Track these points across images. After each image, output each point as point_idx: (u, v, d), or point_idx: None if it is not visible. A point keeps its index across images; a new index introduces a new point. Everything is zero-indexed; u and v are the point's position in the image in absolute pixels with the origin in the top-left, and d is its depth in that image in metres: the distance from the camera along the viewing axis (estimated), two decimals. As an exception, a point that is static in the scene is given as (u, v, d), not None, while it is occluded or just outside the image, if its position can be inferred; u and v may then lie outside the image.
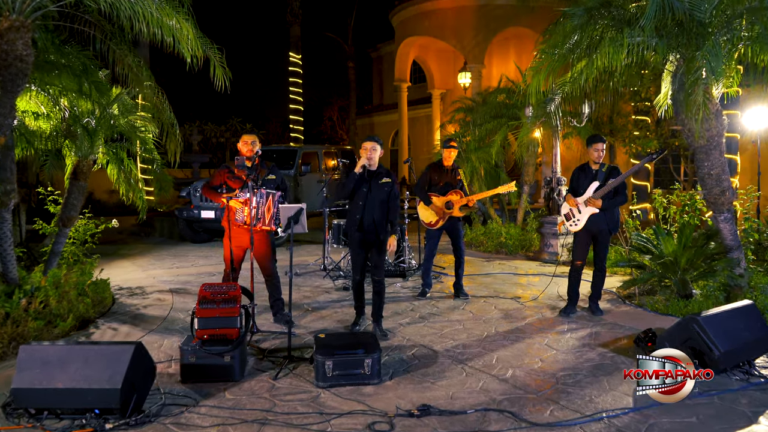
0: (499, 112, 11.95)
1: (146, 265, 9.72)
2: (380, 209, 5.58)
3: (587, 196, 6.12)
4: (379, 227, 5.56)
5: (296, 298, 7.25)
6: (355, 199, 5.56)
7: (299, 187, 12.60)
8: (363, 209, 5.53)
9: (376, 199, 5.54)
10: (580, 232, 6.23)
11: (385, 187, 5.51)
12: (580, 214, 6.17)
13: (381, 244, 5.62)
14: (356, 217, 5.56)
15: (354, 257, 5.74)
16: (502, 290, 7.64)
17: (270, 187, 5.80)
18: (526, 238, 10.85)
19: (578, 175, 6.33)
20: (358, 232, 5.58)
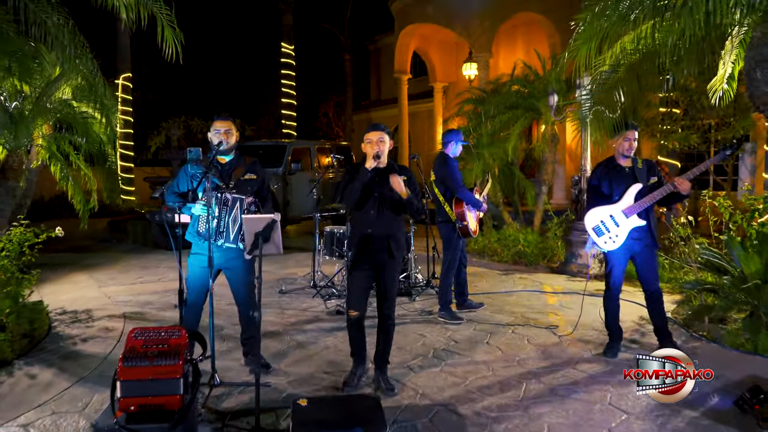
0: (515, 102, 10.53)
1: (105, 279, 8.28)
2: (395, 219, 4.23)
3: (627, 202, 4.70)
4: (394, 242, 4.19)
5: (278, 325, 5.83)
6: (364, 207, 4.18)
7: (288, 187, 11.18)
8: (375, 221, 4.15)
9: (390, 206, 4.18)
10: (615, 251, 4.82)
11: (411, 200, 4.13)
12: (617, 228, 4.73)
13: (395, 264, 4.24)
14: (366, 231, 4.17)
15: (355, 283, 4.24)
16: (531, 316, 6.23)
17: (245, 190, 4.38)
18: (548, 246, 9.44)
19: (605, 175, 4.87)
20: (364, 251, 4.18)
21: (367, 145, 4.16)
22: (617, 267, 4.87)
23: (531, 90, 10.38)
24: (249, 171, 4.48)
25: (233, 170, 4.42)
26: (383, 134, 4.15)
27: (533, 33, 17.29)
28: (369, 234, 4.15)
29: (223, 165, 4.43)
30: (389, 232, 4.15)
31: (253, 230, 3.35)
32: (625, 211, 4.71)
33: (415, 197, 4.12)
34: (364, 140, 4.19)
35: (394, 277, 4.25)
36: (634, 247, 4.77)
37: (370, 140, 4.14)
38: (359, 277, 4.20)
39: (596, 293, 7.13)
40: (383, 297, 4.23)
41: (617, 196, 4.78)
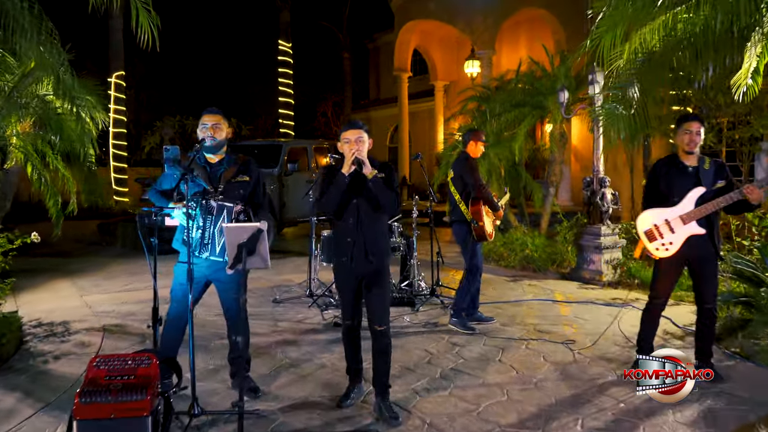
0: (521, 99, 10.06)
1: (89, 286, 7.80)
2: (379, 225, 3.81)
3: (687, 207, 4.19)
4: (379, 251, 3.77)
5: (270, 339, 5.36)
6: (343, 216, 3.76)
7: (285, 188, 10.70)
8: (356, 229, 3.73)
9: (371, 211, 3.74)
10: (669, 259, 4.31)
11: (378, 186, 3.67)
12: (672, 234, 4.20)
13: (382, 276, 3.81)
14: (347, 240, 3.75)
15: (342, 296, 3.94)
16: (545, 328, 5.75)
17: (236, 194, 3.89)
18: (557, 251, 8.96)
19: (666, 173, 4.33)
20: (347, 262, 3.77)
21: (344, 145, 3.69)
22: (667, 278, 4.36)
23: (539, 87, 9.90)
24: (241, 172, 3.99)
25: (223, 171, 3.94)
26: (362, 132, 3.69)
27: (536, 30, 16.83)
28: (348, 243, 3.74)
29: (211, 165, 3.95)
30: (369, 239, 3.74)
31: (235, 241, 2.88)
32: (683, 217, 4.20)
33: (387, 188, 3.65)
34: (340, 140, 3.72)
35: (381, 288, 3.80)
36: (690, 257, 4.27)
37: (347, 140, 3.67)
38: (345, 291, 3.89)
39: (612, 302, 6.69)
40: (372, 312, 3.81)
41: (677, 199, 4.25)
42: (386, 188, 3.64)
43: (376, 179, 3.61)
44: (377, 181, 3.61)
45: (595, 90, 7.70)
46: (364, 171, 3.58)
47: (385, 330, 3.80)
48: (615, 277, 7.80)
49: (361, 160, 3.58)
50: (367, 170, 3.59)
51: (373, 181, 3.59)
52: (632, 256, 7.83)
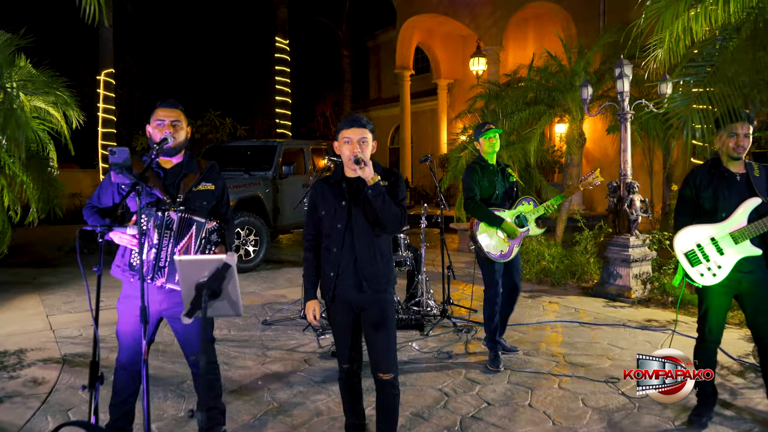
0: (535, 97, 9.27)
1: (59, 304, 6.99)
2: (378, 244, 3.03)
3: (738, 222, 3.43)
4: (376, 279, 3.00)
5: (256, 372, 4.54)
6: (332, 234, 3.02)
7: (279, 193, 9.89)
8: (342, 250, 3.00)
9: (368, 227, 2.99)
10: (715, 286, 3.53)
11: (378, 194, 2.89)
12: (721, 257, 3.46)
13: (384, 310, 3.03)
14: (334, 264, 3.02)
15: (336, 334, 3.20)
16: (577, 359, 4.94)
17: (198, 205, 3.13)
18: (576, 262, 8.16)
19: (707, 183, 3.57)
20: (338, 293, 3.03)
21: (343, 146, 2.96)
22: (716, 309, 3.58)
23: (555, 83, 9.10)
24: (204, 179, 3.22)
25: (182, 178, 3.15)
26: (366, 132, 2.96)
27: (545, 26, 16.03)
28: (337, 266, 3.01)
29: (167, 170, 3.16)
30: (365, 263, 2.99)
31: (192, 279, 2.07)
32: (734, 234, 3.44)
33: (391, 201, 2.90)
34: (338, 139, 2.99)
35: (385, 327, 3.03)
36: (742, 282, 3.49)
37: (348, 139, 2.94)
38: (338, 328, 3.15)
39: (648, 326, 5.89)
40: (375, 357, 3.04)
41: (724, 213, 3.50)
42: (389, 200, 2.88)
43: (378, 187, 2.85)
44: (379, 189, 2.85)
45: (624, 86, 6.90)
46: (363, 174, 2.84)
47: (392, 379, 3.03)
48: (645, 293, 7.00)
49: (363, 159, 2.84)
50: (368, 174, 2.84)
51: (373, 189, 2.85)
52: (665, 271, 7.03)
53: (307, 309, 3.15)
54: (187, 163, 3.21)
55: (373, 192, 2.85)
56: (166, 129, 3.09)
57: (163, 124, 3.09)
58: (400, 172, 3.22)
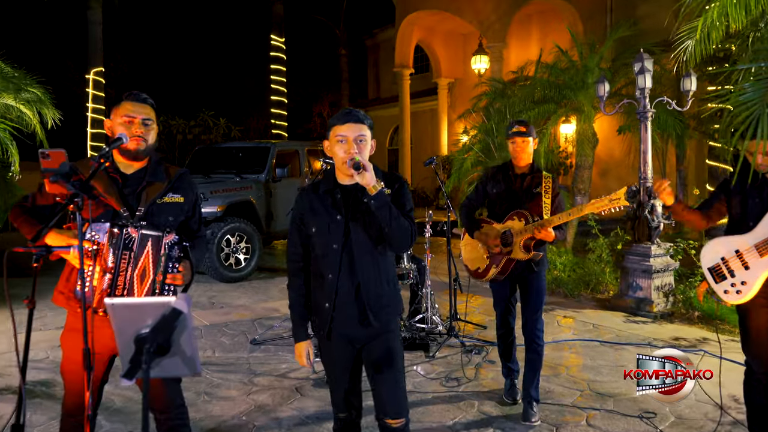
0: (544, 95, 8.72)
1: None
2: (382, 265, 2.48)
3: (764, 233, 2.94)
4: (380, 306, 2.45)
5: (241, 405, 3.97)
6: (326, 256, 2.45)
7: (272, 197, 9.33)
8: (339, 275, 2.42)
9: (370, 244, 2.43)
10: (752, 306, 3.03)
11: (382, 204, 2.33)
12: (746, 272, 2.97)
13: (390, 344, 2.49)
14: (329, 294, 2.44)
15: (330, 376, 2.63)
16: (603, 387, 4.38)
17: (164, 221, 2.57)
18: (589, 271, 7.61)
19: (739, 190, 3.11)
20: (335, 327, 2.46)
21: (335, 145, 2.40)
22: (757, 331, 3.06)
23: (566, 80, 8.55)
24: (172, 190, 2.65)
25: (145, 187, 2.59)
26: (363, 128, 2.41)
27: (549, 23, 15.51)
28: (333, 294, 2.43)
29: (127, 177, 2.60)
30: (368, 288, 2.43)
31: (129, 329, 1.50)
32: (758, 246, 2.93)
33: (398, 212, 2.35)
34: (330, 137, 2.43)
35: (392, 365, 2.48)
36: None
37: (342, 137, 2.38)
38: (335, 370, 2.57)
39: (676, 344, 5.34)
40: (382, 400, 2.49)
41: (752, 222, 3.01)
42: (396, 211, 2.34)
43: (383, 196, 2.31)
44: (383, 199, 2.31)
45: (646, 81, 6.35)
46: (363, 181, 2.29)
47: (404, 426, 2.48)
48: (668, 306, 6.45)
49: (361, 162, 2.28)
50: (370, 180, 2.28)
51: (376, 198, 2.30)
52: (691, 283, 6.48)
53: (297, 352, 2.58)
54: (152, 170, 2.64)
55: (377, 202, 2.30)
56: (137, 128, 2.53)
57: (133, 122, 2.53)
58: (404, 178, 2.66)
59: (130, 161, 2.58)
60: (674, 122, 7.97)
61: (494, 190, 3.92)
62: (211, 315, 6.59)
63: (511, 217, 3.77)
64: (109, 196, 2.50)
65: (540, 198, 3.70)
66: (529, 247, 3.68)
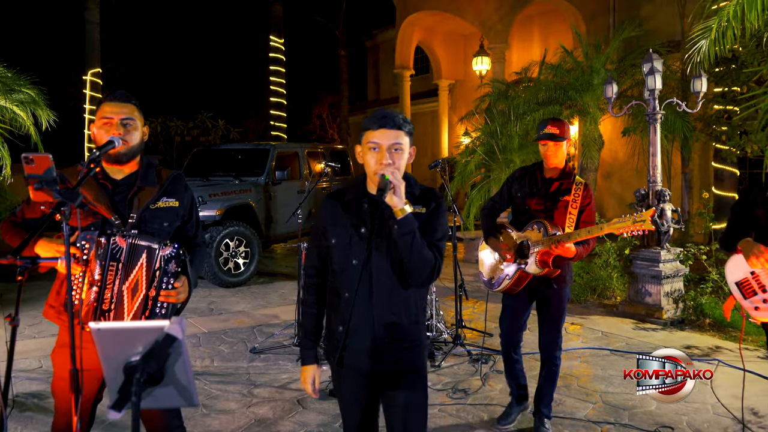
0: (548, 96, 8.57)
1: (23, 326, 6.24)
2: (406, 295, 2.15)
3: None
4: (395, 339, 2.15)
5: (239, 419, 3.80)
6: (344, 272, 2.16)
7: (272, 200, 9.16)
8: (356, 295, 2.12)
9: (390, 272, 2.12)
10: None
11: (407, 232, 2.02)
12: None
13: (413, 383, 2.22)
14: (344, 315, 2.15)
15: (345, 412, 2.30)
16: (616, 399, 4.23)
17: (158, 228, 2.43)
18: (596, 277, 7.45)
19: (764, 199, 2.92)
20: (346, 356, 2.18)
21: (368, 153, 2.10)
22: None
23: (571, 81, 8.40)
24: (166, 194, 2.49)
25: (137, 192, 2.43)
26: (401, 135, 2.08)
27: (551, 24, 15.37)
28: (352, 313, 2.14)
29: (117, 182, 2.44)
30: (384, 317, 2.13)
31: (118, 357, 1.34)
32: None
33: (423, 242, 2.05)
34: (362, 142, 2.13)
35: (414, 401, 2.22)
36: None
37: (375, 145, 2.08)
38: (347, 403, 2.28)
39: (690, 354, 5.17)
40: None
41: None
42: (421, 241, 2.04)
43: (409, 223, 2.01)
44: (409, 226, 2.01)
45: (656, 82, 6.19)
46: (391, 202, 2.00)
47: None
48: (677, 313, 6.30)
49: (391, 183, 1.99)
50: (396, 202, 2.00)
51: (401, 224, 2.01)
52: (702, 289, 6.32)
53: (303, 377, 2.29)
54: (143, 174, 2.49)
55: (400, 229, 2.01)
56: (117, 129, 2.38)
57: (111, 124, 2.37)
58: (442, 197, 2.26)
59: (114, 166, 2.43)
60: (682, 124, 7.82)
61: (519, 194, 3.62)
62: (209, 322, 6.43)
63: (531, 225, 3.50)
64: (99, 204, 2.35)
65: (566, 208, 3.42)
66: (546, 262, 3.39)
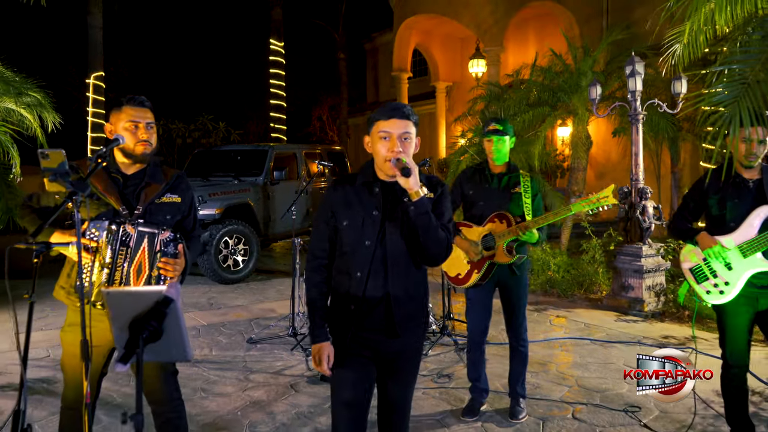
0: (538, 98, 8.83)
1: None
2: (416, 274, 2.35)
3: (747, 233, 3.07)
4: (409, 316, 2.31)
5: (236, 401, 4.07)
6: (356, 253, 2.29)
7: (270, 199, 9.43)
8: (368, 276, 2.26)
9: (405, 251, 2.30)
10: (730, 306, 3.14)
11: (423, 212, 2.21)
12: (729, 272, 3.10)
13: (411, 357, 2.42)
14: (355, 295, 2.28)
15: (338, 393, 2.33)
16: (591, 383, 4.48)
17: (162, 220, 2.69)
18: (583, 272, 7.70)
19: (717, 187, 3.20)
20: (361, 334, 2.30)
21: (378, 142, 2.27)
22: (734, 330, 3.18)
23: (561, 84, 8.65)
24: (170, 190, 2.76)
25: (144, 187, 2.70)
26: (410, 125, 2.28)
27: (546, 26, 15.63)
28: (365, 292, 2.26)
29: (128, 177, 2.71)
30: (400, 295, 2.27)
31: (124, 316, 1.61)
32: (741, 247, 3.04)
33: (438, 223, 2.24)
34: (371, 132, 2.31)
35: (412, 375, 2.46)
36: (759, 300, 3.11)
37: (386, 134, 2.25)
38: (346, 383, 2.31)
39: (665, 343, 5.43)
40: (391, 409, 2.44)
41: (733, 223, 3.12)
42: (436, 222, 2.24)
43: (424, 204, 2.20)
44: (425, 206, 2.20)
45: (636, 84, 6.46)
46: (407, 185, 2.19)
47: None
48: (659, 306, 6.55)
49: (409, 166, 2.18)
50: (413, 185, 2.18)
51: (417, 205, 2.19)
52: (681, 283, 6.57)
53: (315, 355, 2.31)
54: (151, 171, 2.76)
55: (417, 209, 2.18)
56: (141, 132, 2.65)
57: (138, 127, 2.64)
58: (446, 184, 2.48)
59: (134, 163, 2.70)
60: (666, 125, 8.08)
61: (471, 192, 3.85)
62: (209, 315, 6.69)
63: (491, 219, 3.73)
64: (109, 195, 2.61)
65: (520, 198, 3.70)
66: (512, 249, 3.67)
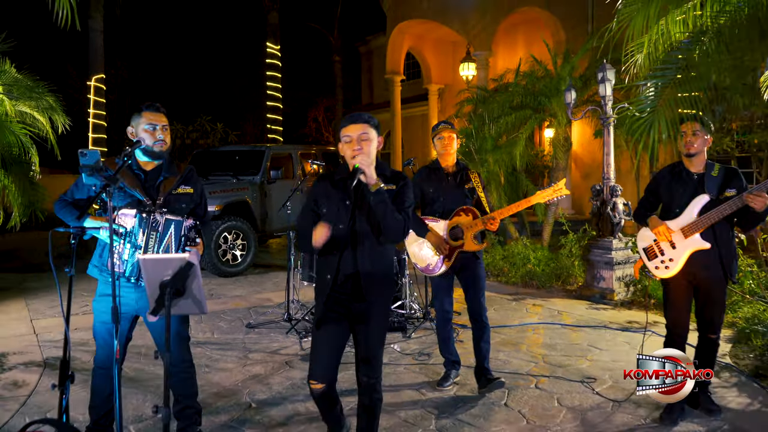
0: (521, 102, 9.34)
1: (44, 308, 6.99)
2: (383, 252, 2.96)
3: (688, 218, 3.62)
4: (374, 283, 2.92)
5: (237, 375, 4.58)
6: (332, 235, 2.86)
7: (267, 197, 9.92)
8: (342, 253, 2.89)
9: (371, 234, 2.89)
10: (673, 280, 3.71)
11: (381, 201, 2.80)
12: (673, 251, 3.65)
13: (378, 312, 2.97)
14: (332, 267, 2.92)
15: (319, 342, 2.95)
16: (556, 360, 4.99)
17: (178, 209, 3.19)
18: (561, 265, 8.22)
19: (667, 182, 3.78)
20: (333, 297, 2.92)
21: (344, 146, 2.88)
22: (678, 303, 3.76)
23: (541, 88, 9.17)
24: (183, 183, 3.27)
25: (162, 180, 3.21)
26: (367, 128, 2.86)
27: (534, 32, 16.11)
28: (338, 272, 2.90)
29: (147, 172, 3.21)
30: (366, 265, 2.88)
31: (156, 278, 2.11)
32: (684, 230, 3.59)
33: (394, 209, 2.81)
34: (340, 138, 2.92)
35: (378, 329, 2.99)
36: (696, 276, 3.67)
37: (347, 137, 2.86)
38: (326, 334, 2.92)
39: (629, 327, 5.95)
40: (363, 360, 2.96)
41: (678, 210, 3.68)
42: (393, 208, 2.80)
43: (381, 194, 2.78)
44: (381, 196, 2.78)
45: (606, 90, 6.98)
46: (365, 180, 2.77)
47: (376, 384, 2.98)
48: (628, 295, 7.07)
49: (361, 168, 2.76)
50: (370, 179, 2.77)
51: (375, 195, 2.77)
52: (648, 273, 7.09)
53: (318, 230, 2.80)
54: (167, 167, 3.27)
55: (375, 199, 2.76)
56: (159, 133, 3.16)
57: (155, 128, 3.14)
58: (408, 179, 3.05)
59: (147, 160, 3.20)
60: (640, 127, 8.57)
61: (430, 190, 4.33)
62: (210, 304, 7.18)
63: (457, 213, 4.23)
64: (135, 188, 3.11)
65: (474, 192, 4.28)
66: (478, 238, 4.23)
